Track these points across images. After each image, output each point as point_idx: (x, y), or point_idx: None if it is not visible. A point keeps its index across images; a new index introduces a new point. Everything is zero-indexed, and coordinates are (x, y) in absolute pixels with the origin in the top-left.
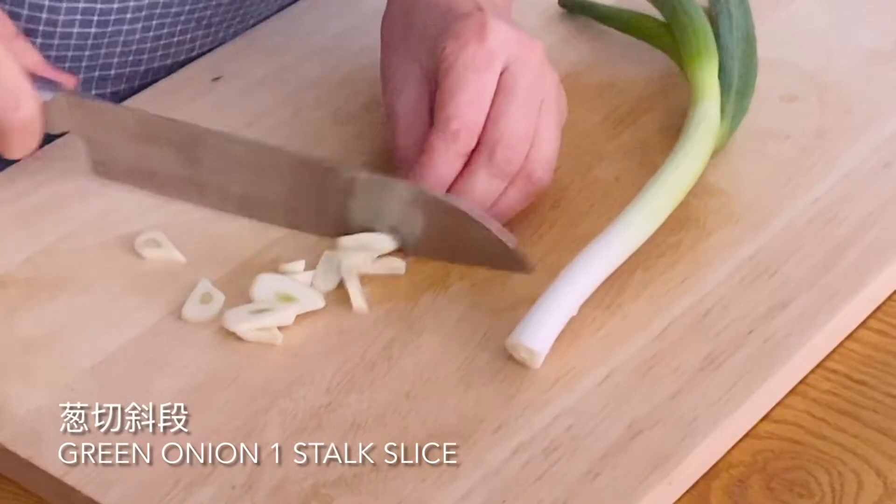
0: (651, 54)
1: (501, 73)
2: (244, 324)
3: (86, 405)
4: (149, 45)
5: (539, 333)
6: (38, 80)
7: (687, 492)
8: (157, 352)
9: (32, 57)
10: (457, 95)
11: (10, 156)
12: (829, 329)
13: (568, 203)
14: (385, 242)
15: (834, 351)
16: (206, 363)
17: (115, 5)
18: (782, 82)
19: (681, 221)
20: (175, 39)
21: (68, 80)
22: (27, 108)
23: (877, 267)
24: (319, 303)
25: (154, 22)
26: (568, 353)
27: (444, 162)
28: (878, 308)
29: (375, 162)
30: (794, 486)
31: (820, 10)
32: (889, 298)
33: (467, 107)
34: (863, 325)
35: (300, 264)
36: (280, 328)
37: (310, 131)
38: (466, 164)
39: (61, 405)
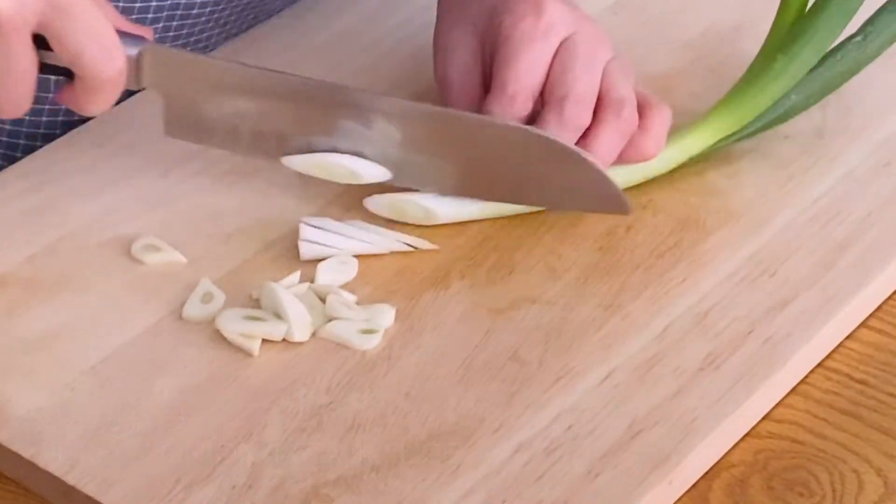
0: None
1: (560, 44)
2: (232, 325)
3: (86, 404)
4: (168, 44)
5: None
6: (120, 35)
7: (687, 491)
8: (157, 352)
9: (113, 12)
10: (514, 62)
11: (89, 111)
12: (830, 329)
13: None
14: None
15: (834, 350)
16: (206, 363)
17: (137, 4)
18: None
19: (681, 221)
20: (193, 39)
21: (147, 34)
22: (118, 62)
23: (877, 267)
24: (305, 335)
25: (174, 23)
26: (568, 353)
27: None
28: (879, 308)
29: None
30: (795, 485)
31: None
32: (889, 298)
33: (524, 72)
34: (863, 324)
35: (296, 276)
36: None
37: None
38: (538, 123)
39: (61, 405)
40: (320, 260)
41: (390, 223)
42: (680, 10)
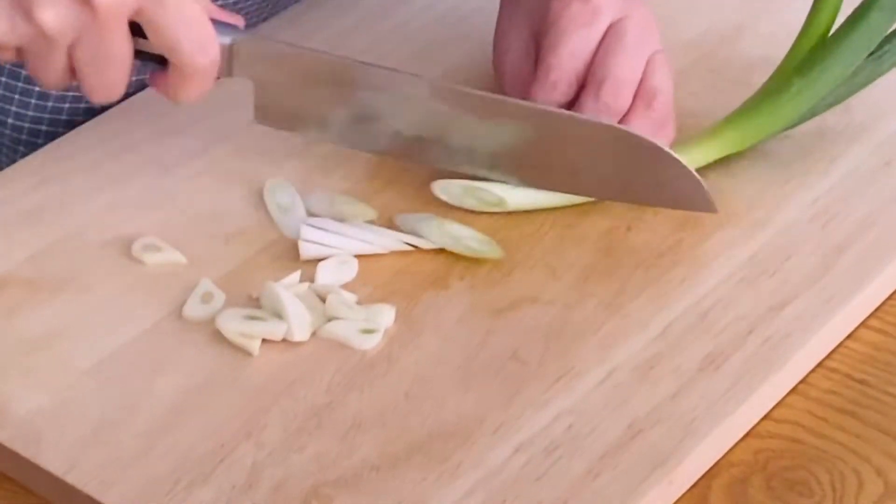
0: None
1: (608, 28)
2: (232, 325)
3: (86, 404)
4: None
5: None
6: (213, 23)
7: (687, 491)
8: (157, 351)
9: (206, 1)
10: (557, 48)
11: (183, 99)
12: (829, 328)
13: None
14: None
15: (834, 350)
16: (206, 363)
17: None
18: None
19: (681, 221)
20: None
21: (238, 22)
22: (212, 51)
23: (876, 267)
24: (305, 335)
25: None
26: (568, 353)
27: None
28: (879, 307)
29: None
30: (795, 485)
31: None
32: (889, 298)
33: (567, 58)
34: (863, 324)
35: (296, 276)
36: None
37: None
38: (575, 105)
39: (61, 405)
40: (320, 260)
41: (391, 224)
42: (680, 10)
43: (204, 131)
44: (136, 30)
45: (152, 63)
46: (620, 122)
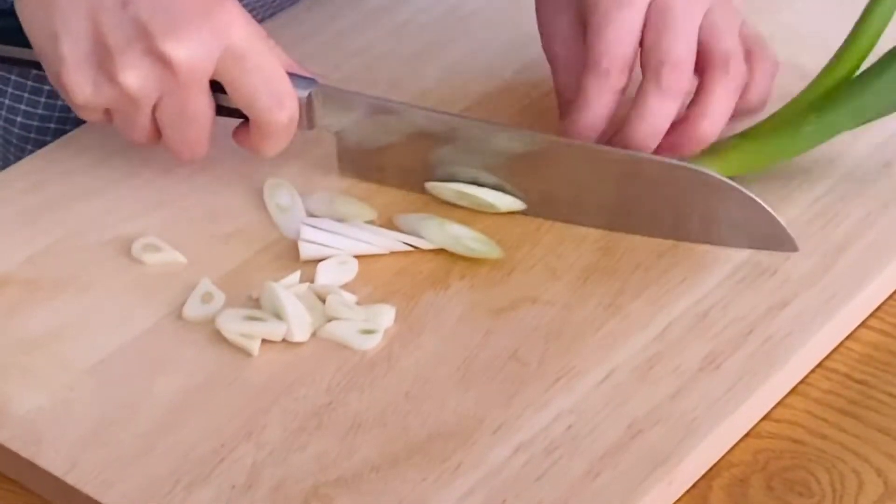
0: None
1: (649, 5)
2: (232, 325)
3: (86, 404)
4: None
5: None
6: (290, 77)
7: (687, 491)
8: (157, 351)
9: (284, 56)
10: (603, 33)
11: (264, 154)
12: (829, 329)
13: None
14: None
15: (834, 350)
16: (206, 363)
17: None
18: (782, 82)
19: None
20: None
21: (316, 76)
22: (290, 107)
23: (877, 267)
24: (304, 335)
25: None
26: (568, 353)
27: (599, 100)
28: (878, 308)
29: None
30: (795, 485)
31: (820, 10)
32: (889, 298)
33: (615, 44)
34: (863, 324)
35: (296, 276)
36: None
37: (311, 130)
38: (638, 93)
39: (61, 405)
40: (320, 260)
41: (390, 224)
42: None
43: None
44: (216, 86)
45: (235, 118)
46: (704, 96)
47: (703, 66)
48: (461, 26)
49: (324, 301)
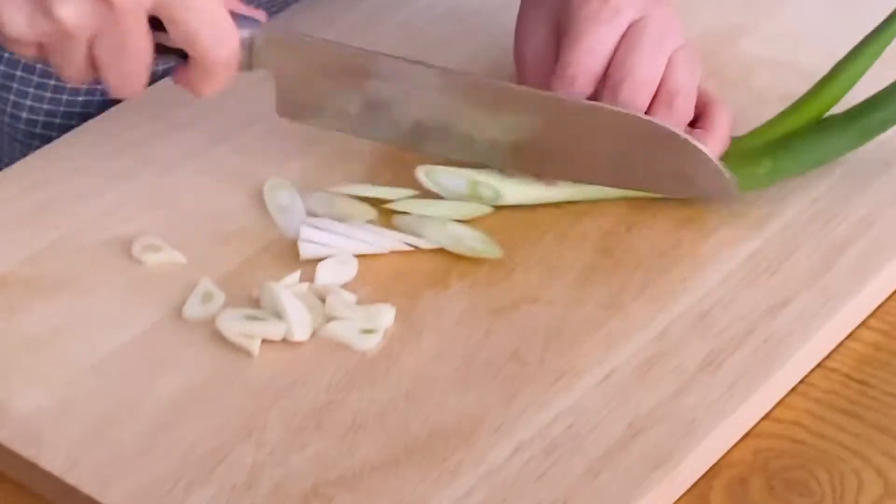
0: None
1: (628, 27)
2: (232, 325)
3: (86, 404)
4: None
5: None
6: (233, 17)
7: (687, 491)
8: (157, 351)
9: None
10: (576, 44)
11: (203, 93)
12: (830, 328)
13: (568, 203)
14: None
15: (834, 350)
16: (206, 363)
17: None
18: (782, 82)
19: (681, 221)
20: None
21: (260, 16)
22: (230, 45)
23: (876, 267)
24: (304, 335)
25: None
26: (568, 352)
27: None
28: (879, 308)
29: (381, 151)
30: (795, 485)
31: (820, 10)
32: (889, 298)
33: (585, 54)
34: (863, 324)
35: (296, 276)
36: None
37: (310, 129)
38: None
39: (62, 404)
40: (320, 260)
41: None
42: (680, 11)
43: (204, 131)
44: (155, 24)
45: (172, 57)
46: None
47: (654, 98)
48: (461, 26)
49: (324, 301)
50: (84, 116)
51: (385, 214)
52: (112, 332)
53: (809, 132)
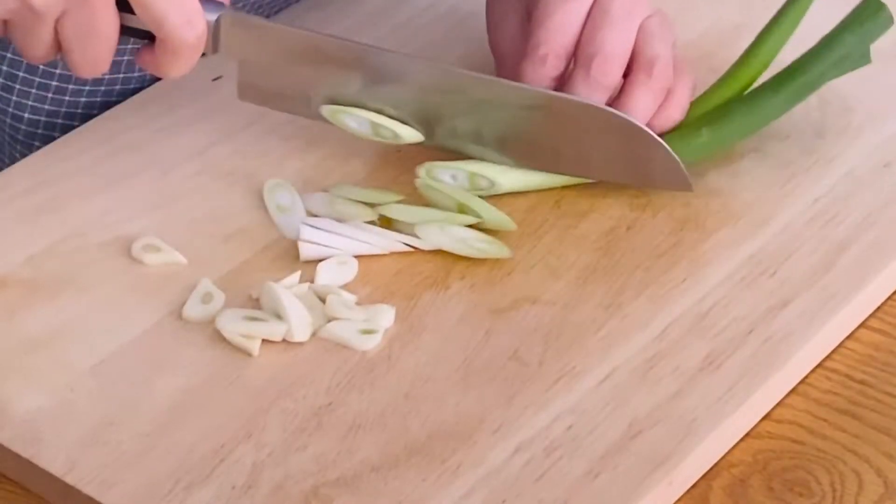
0: None
1: (594, 2)
2: (232, 325)
3: (86, 405)
4: None
5: None
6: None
7: (687, 492)
8: (157, 352)
9: None
10: (545, 22)
11: (169, 75)
12: (830, 329)
13: (568, 203)
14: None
15: (834, 351)
16: (206, 363)
17: None
18: None
19: (681, 221)
20: None
21: (222, 1)
22: (198, 26)
23: (877, 267)
24: (304, 335)
25: None
26: (568, 353)
27: (536, 85)
28: (879, 308)
29: (383, 151)
30: (795, 485)
31: (820, 10)
32: (889, 298)
33: (555, 33)
34: (863, 324)
35: (295, 277)
36: None
37: (310, 130)
38: (566, 84)
39: (61, 405)
40: (320, 260)
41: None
42: (680, 10)
43: (204, 131)
44: (122, 5)
45: (139, 38)
46: (624, 95)
47: (628, 68)
48: (461, 26)
49: (324, 301)
50: (86, 117)
51: (385, 214)
52: (112, 332)
53: (742, 100)
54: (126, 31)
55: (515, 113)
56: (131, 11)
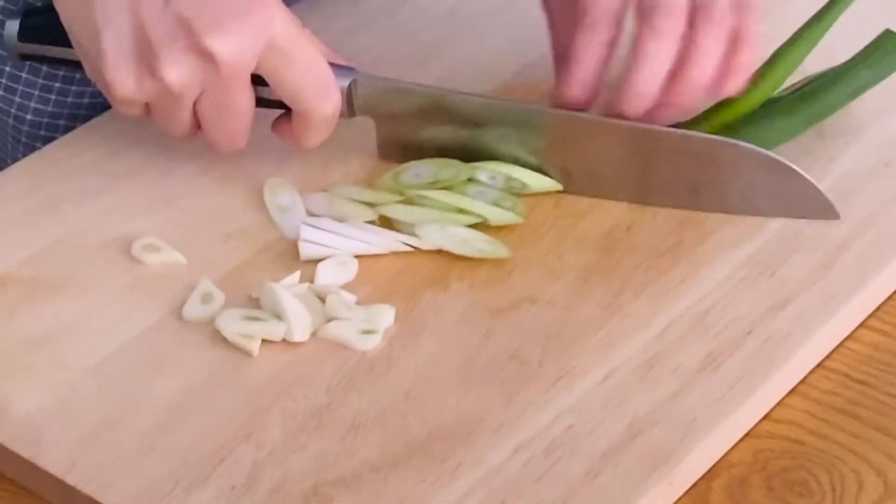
0: None
1: None
2: (232, 325)
3: (86, 404)
4: None
5: None
6: (331, 68)
7: (687, 492)
8: (157, 352)
9: (323, 46)
10: None
11: (307, 145)
12: (829, 328)
13: (568, 203)
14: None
15: (834, 350)
16: (206, 363)
17: None
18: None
19: (681, 221)
20: None
21: (354, 64)
22: (335, 97)
23: (877, 267)
24: (304, 335)
25: None
26: (568, 353)
27: (589, 53)
28: (879, 308)
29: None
30: (795, 485)
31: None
32: (889, 298)
33: None
34: (863, 324)
35: (295, 277)
36: None
37: None
38: (634, 41)
39: (61, 405)
40: (320, 260)
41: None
42: None
43: None
44: (257, 79)
45: (275, 109)
46: (691, 43)
47: (690, 19)
48: (461, 27)
49: (324, 301)
50: (88, 119)
51: (384, 214)
52: (112, 332)
53: (752, 121)
54: (262, 103)
55: (652, 156)
56: (266, 84)
